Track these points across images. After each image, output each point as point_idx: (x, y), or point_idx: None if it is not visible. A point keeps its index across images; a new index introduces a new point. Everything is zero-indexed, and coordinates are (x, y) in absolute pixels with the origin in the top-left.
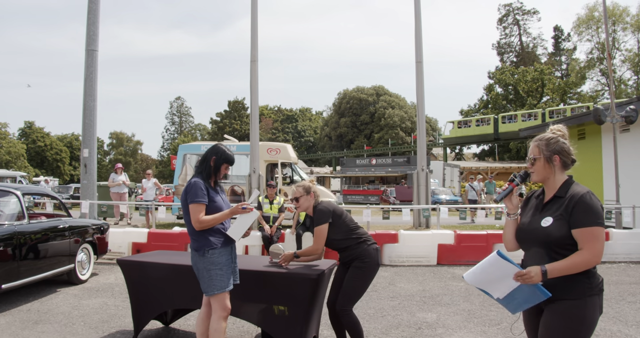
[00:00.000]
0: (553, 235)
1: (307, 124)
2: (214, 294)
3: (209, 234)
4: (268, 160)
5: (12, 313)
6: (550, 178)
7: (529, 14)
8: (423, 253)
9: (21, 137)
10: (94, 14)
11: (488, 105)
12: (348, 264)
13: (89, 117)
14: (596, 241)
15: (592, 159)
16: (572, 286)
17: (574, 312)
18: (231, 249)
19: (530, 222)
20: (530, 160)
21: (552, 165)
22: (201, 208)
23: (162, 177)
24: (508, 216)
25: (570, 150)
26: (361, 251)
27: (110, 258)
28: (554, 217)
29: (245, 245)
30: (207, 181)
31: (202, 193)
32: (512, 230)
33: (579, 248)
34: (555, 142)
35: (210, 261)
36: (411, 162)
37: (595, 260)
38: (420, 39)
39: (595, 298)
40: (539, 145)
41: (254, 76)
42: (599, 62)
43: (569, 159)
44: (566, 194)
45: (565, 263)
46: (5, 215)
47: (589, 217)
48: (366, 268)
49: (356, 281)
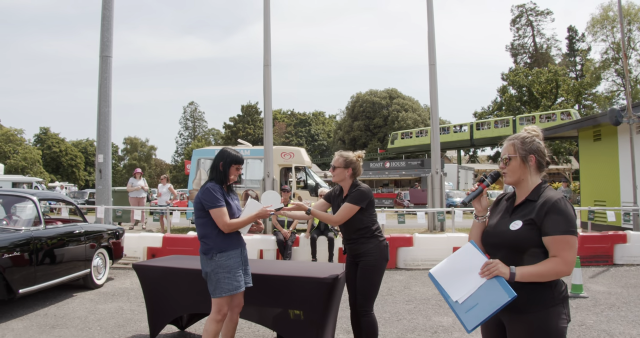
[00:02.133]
0: (521, 240)
1: (320, 128)
2: (219, 297)
3: (217, 237)
4: (282, 164)
5: (29, 318)
6: (524, 181)
7: (542, 15)
8: (438, 257)
9: (37, 143)
10: (107, 20)
11: (502, 107)
12: (356, 258)
13: (103, 122)
14: (569, 250)
15: (609, 161)
16: (535, 298)
17: (539, 325)
18: (240, 252)
19: (498, 225)
20: (504, 160)
21: (528, 166)
22: (222, 211)
23: (176, 182)
24: (476, 218)
25: (545, 152)
26: (372, 246)
27: (126, 263)
28: (523, 221)
29: (260, 249)
30: (221, 186)
31: (218, 196)
32: (479, 232)
33: (550, 256)
34: (531, 141)
35: (218, 264)
36: (425, 165)
37: (567, 270)
38: (433, 42)
39: (560, 307)
40: (515, 144)
41: (267, 80)
42: (614, 62)
43: (544, 159)
44: (538, 198)
45: (535, 269)
46: (22, 221)
47: (562, 224)
48: (376, 265)
49: (369, 280)
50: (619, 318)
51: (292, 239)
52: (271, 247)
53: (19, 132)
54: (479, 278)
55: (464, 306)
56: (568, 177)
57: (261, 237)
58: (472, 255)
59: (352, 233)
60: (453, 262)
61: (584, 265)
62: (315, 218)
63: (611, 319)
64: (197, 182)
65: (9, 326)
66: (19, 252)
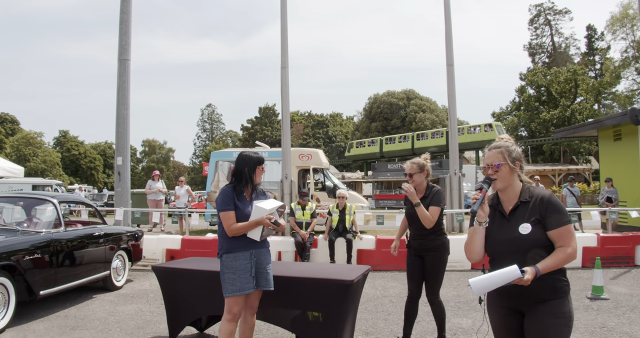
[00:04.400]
0: (536, 241)
1: (338, 129)
2: (226, 296)
3: (225, 239)
4: (300, 166)
5: (49, 319)
6: (511, 185)
7: (560, 14)
8: (457, 258)
9: (56, 146)
10: (125, 24)
11: (520, 107)
12: (423, 253)
13: (122, 125)
14: (573, 237)
15: (629, 161)
16: (556, 286)
17: (563, 310)
18: (250, 254)
19: (505, 232)
20: (493, 167)
21: (516, 171)
22: (229, 215)
23: (195, 184)
24: (479, 225)
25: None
26: (441, 242)
27: (145, 265)
28: (530, 222)
29: (279, 251)
30: (240, 189)
31: (227, 201)
32: (482, 239)
33: (556, 247)
34: (514, 149)
35: (225, 265)
36: (443, 166)
37: (574, 253)
38: (450, 42)
39: (569, 294)
40: (502, 152)
41: (285, 82)
42: (635, 61)
43: (523, 166)
44: (531, 198)
45: (552, 260)
46: (43, 223)
47: (562, 216)
48: (443, 259)
49: (439, 271)
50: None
51: (310, 241)
52: (289, 249)
53: (39, 135)
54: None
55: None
56: (588, 177)
57: (280, 239)
58: (512, 274)
59: (426, 230)
60: (494, 279)
61: (604, 267)
62: (334, 219)
63: (633, 321)
64: (215, 184)
65: (30, 327)
66: (39, 254)
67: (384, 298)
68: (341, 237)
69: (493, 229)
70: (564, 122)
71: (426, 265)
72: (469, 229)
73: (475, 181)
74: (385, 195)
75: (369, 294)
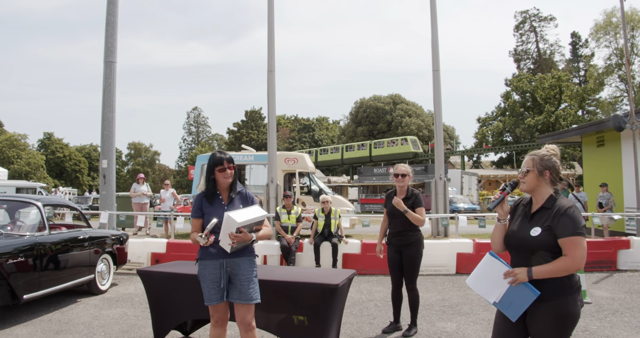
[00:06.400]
0: (540, 244)
1: (324, 133)
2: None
3: (201, 246)
4: (286, 169)
5: (33, 324)
6: (538, 190)
7: (545, 21)
8: (442, 263)
9: (40, 148)
10: (112, 26)
11: (505, 112)
12: (402, 248)
13: (107, 128)
14: (577, 248)
15: (612, 166)
16: (557, 287)
17: (562, 309)
18: (221, 265)
19: (520, 230)
20: (523, 172)
21: (543, 179)
22: (193, 223)
23: (180, 187)
24: (498, 221)
25: (560, 169)
26: (417, 238)
27: (130, 269)
28: (542, 227)
29: (264, 255)
30: (210, 194)
31: (194, 208)
32: (501, 234)
33: (563, 255)
34: (549, 159)
35: (198, 272)
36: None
37: (576, 266)
38: (436, 48)
39: (575, 294)
40: (534, 159)
41: (271, 86)
42: (618, 68)
43: (557, 177)
44: (552, 206)
45: (549, 267)
46: (26, 226)
47: (571, 227)
48: (420, 252)
49: (416, 263)
50: (623, 324)
51: (295, 245)
52: (275, 253)
53: (23, 137)
54: (504, 282)
55: (501, 304)
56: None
57: (265, 243)
58: (493, 264)
59: (406, 227)
60: (482, 273)
61: (587, 271)
62: (319, 224)
63: (615, 325)
64: (201, 188)
65: (13, 332)
66: (23, 258)
67: (369, 302)
68: (327, 241)
69: (515, 226)
70: (549, 127)
71: (405, 259)
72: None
73: (460, 186)
74: (371, 199)
75: (354, 298)
